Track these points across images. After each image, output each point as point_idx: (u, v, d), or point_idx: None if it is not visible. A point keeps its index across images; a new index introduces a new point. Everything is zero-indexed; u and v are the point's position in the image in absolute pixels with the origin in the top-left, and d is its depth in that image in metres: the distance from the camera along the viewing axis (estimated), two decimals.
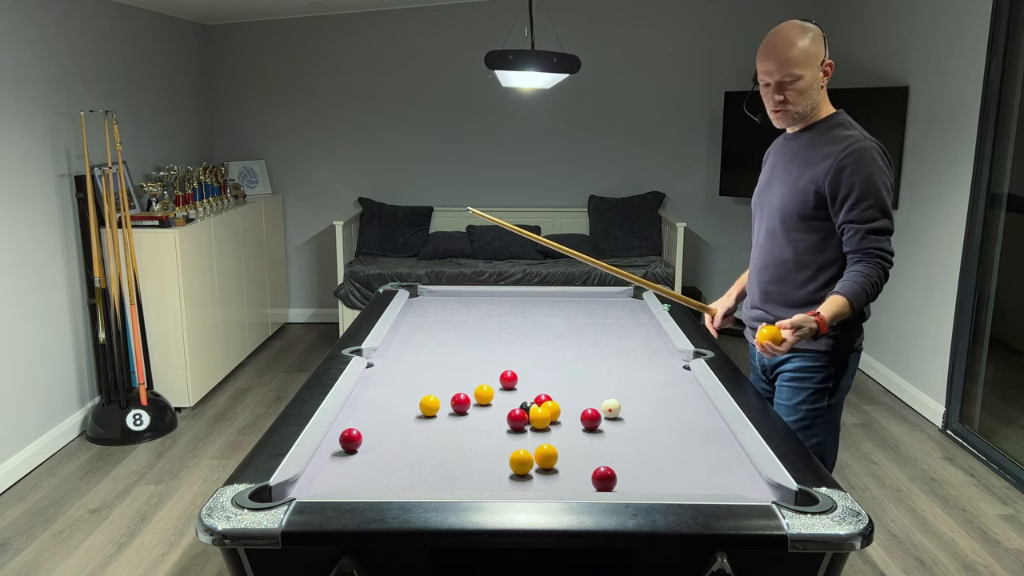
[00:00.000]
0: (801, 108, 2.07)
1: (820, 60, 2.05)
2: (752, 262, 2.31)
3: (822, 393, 2.15)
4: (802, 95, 2.05)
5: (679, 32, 5.64)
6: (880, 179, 2.00)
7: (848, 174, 2.00)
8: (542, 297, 3.48)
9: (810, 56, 2.03)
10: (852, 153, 2.01)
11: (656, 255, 5.61)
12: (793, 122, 2.13)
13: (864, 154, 2.00)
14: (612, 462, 1.77)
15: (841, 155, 2.01)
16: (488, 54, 3.13)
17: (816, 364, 2.13)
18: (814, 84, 2.06)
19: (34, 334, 3.63)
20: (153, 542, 2.99)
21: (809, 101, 2.07)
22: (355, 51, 5.68)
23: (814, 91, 2.07)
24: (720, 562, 1.43)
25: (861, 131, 2.08)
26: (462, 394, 2.16)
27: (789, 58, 2.02)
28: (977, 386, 3.95)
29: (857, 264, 2.01)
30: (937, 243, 4.16)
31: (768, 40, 2.06)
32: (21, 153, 3.55)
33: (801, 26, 2.05)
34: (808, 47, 2.02)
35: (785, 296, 2.17)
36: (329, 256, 5.89)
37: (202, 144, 5.63)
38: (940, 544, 3.01)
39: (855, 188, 1.99)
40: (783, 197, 2.13)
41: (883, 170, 2.02)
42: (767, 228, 2.21)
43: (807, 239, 2.11)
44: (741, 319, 2.40)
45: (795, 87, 2.04)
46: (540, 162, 5.85)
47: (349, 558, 1.46)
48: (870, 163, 2.00)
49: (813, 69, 2.04)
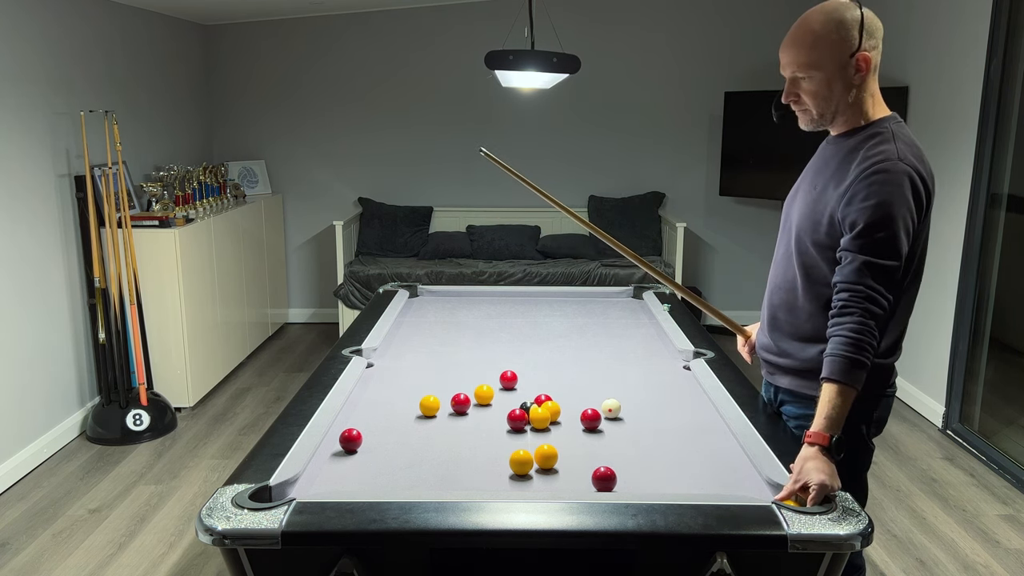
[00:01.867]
0: (818, 111, 1.74)
1: (847, 53, 1.67)
2: (768, 280, 1.98)
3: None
4: (815, 96, 1.72)
5: (679, 32, 5.63)
6: (900, 211, 1.62)
7: (862, 199, 1.63)
8: (542, 297, 3.48)
9: (827, 50, 1.68)
10: (875, 174, 1.64)
11: (656, 255, 5.61)
12: (814, 125, 1.79)
13: (890, 177, 1.63)
14: (612, 462, 1.77)
15: (862, 175, 1.65)
16: (488, 54, 3.13)
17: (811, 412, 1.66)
18: (835, 83, 1.70)
19: (34, 334, 3.63)
20: (153, 542, 2.99)
21: (828, 103, 1.73)
22: (355, 51, 5.68)
23: (836, 92, 1.71)
24: (720, 562, 1.43)
25: (903, 147, 1.68)
26: (462, 394, 2.16)
27: (801, 51, 1.70)
28: (977, 386, 3.95)
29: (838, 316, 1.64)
30: (937, 243, 4.16)
31: (794, 25, 1.74)
32: (21, 153, 3.55)
33: (830, 9, 1.69)
34: (827, 37, 1.67)
35: (793, 327, 1.85)
36: (329, 256, 5.89)
37: (202, 144, 5.63)
38: (940, 544, 3.01)
39: (865, 214, 1.62)
40: (802, 215, 1.80)
41: (907, 200, 1.62)
42: (785, 244, 1.88)
43: (819, 269, 1.76)
44: None
45: (807, 87, 1.72)
46: (540, 162, 5.85)
47: (349, 558, 1.46)
48: (894, 188, 1.62)
49: (832, 66, 1.68)
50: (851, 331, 1.61)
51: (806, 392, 1.82)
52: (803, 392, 1.84)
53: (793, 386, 1.88)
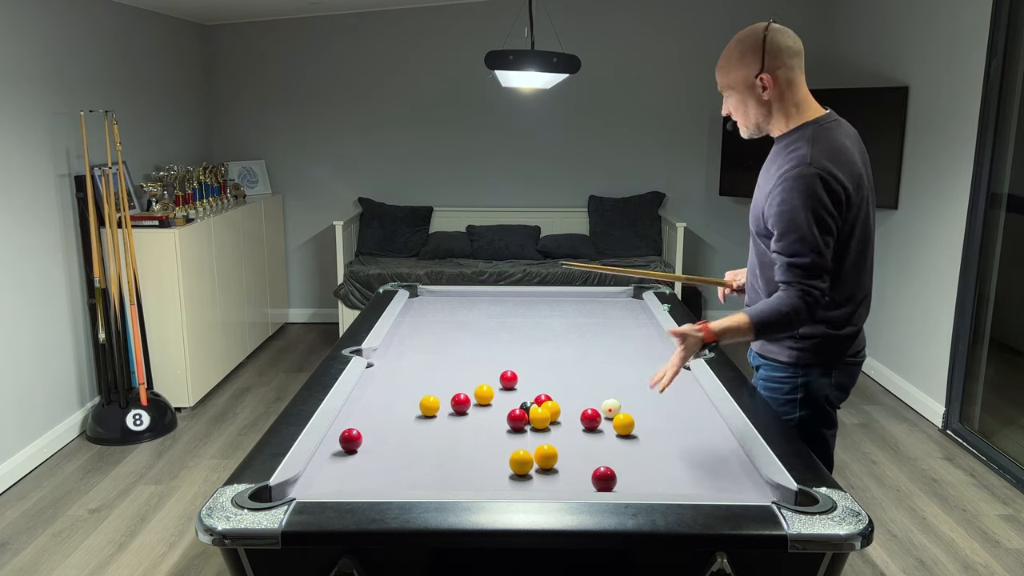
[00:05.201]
0: (744, 123, 1.97)
1: (752, 74, 1.88)
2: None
3: (791, 404, 2.04)
4: (736, 111, 1.96)
5: (679, 32, 5.63)
6: (806, 213, 1.80)
7: (777, 203, 1.84)
8: (542, 297, 3.48)
9: (736, 72, 1.90)
10: (786, 180, 1.83)
11: (656, 255, 5.61)
12: (749, 134, 2.00)
13: (797, 182, 1.81)
14: (612, 462, 1.77)
15: (778, 180, 1.86)
16: (488, 54, 3.13)
17: (781, 375, 2.04)
18: (750, 100, 1.91)
19: (34, 334, 3.63)
20: (153, 542, 2.99)
21: (747, 118, 1.95)
22: (355, 51, 5.68)
23: (752, 107, 1.92)
24: (720, 562, 1.43)
25: (816, 151, 1.85)
26: (462, 394, 2.16)
27: (720, 72, 1.94)
28: (977, 386, 3.95)
29: (780, 292, 1.88)
30: (937, 243, 4.16)
31: None
32: (21, 153, 3.55)
33: (740, 37, 1.92)
34: (734, 63, 1.90)
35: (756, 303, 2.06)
36: (329, 256, 5.89)
37: (202, 144, 5.63)
38: (940, 544, 3.01)
39: (780, 219, 1.84)
40: (753, 210, 2.03)
41: (817, 199, 1.81)
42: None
43: (766, 256, 1.97)
44: None
45: (729, 103, 1.96)
46: (540, 162, 5.85)
47: (349, 558, 1.46)
48: (802, 192, 1.81)
49: (742, 86, 1.90)
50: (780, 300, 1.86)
51: (772, 356, 2.07)
52: (769, 356, 2.08)
53: (761, 350, 2.11)
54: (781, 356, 2.03)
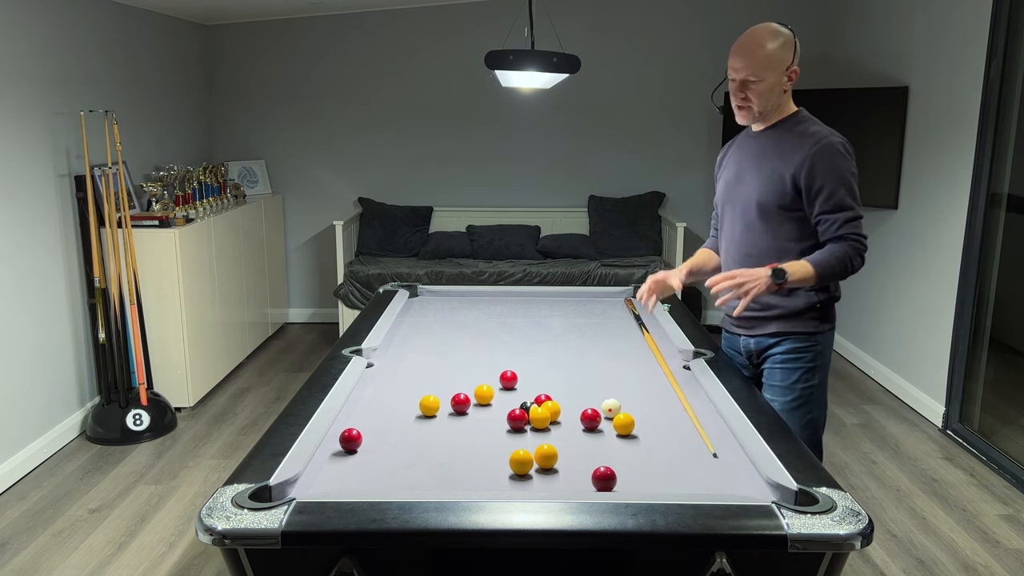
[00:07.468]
0: (760, 108, 2.19)
1: (786, 66, 2.15)
2: (728, 256, 2.39)
3: (812, 371, 2.27)
4: (762, 97, 2.16)
5: (679, 32, 5.64)
6: (847, 172, 2.14)
7: (820, 169, 2.12)
8: (542, 297, 3.48)
9: (776, 61, 2.13)
10: (822, 149, 2.13)
11: (656, 255, 5.61)
12: (752, 120, 2.24)
13: (832, 149, 2.13)
14: (612, 462, 1.77)
15: (812, 150, 2.13)
16: (488, 54, 3.13)
17: (806, 344, 2.26)
18: (776, 87, 2.17)
19: (34, 334, 3.63)
20: (153, 542, 2.99)
21: (769, 103, 2.19)
22: (355, 51, 5.68)
23: (776, 94, 2.18)
24: (720, 562, 1.43)
25: (825, 127, 2.20)
26: (462, 394, 2.16)
27: (755, 60, 2.13)
28: (977, 386, 3.95)
29: (833, 245, 2.13)
30: (937, 243, 4.16)
31: (741, 38, 2.17)
32: (21, 153, 3.56)
33: (775, 30, 2.15)
34: (775, 52, 2.13)
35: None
36: (329, 256, 5.89)
37: (202, 144, 5.63)
38: (940, 544, 3.01)
39: (828, 182, 2.12)
40: (760, 191, 2.22)
41: (850, 163, 2.15)
42: (744, 222, 2.30)
43: (787, 228, 2.21)
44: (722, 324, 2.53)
45: (757, 88, 2.15)
46: (540, 162, 5.85)
47: (349, 558, 1.46)
48: (838, 158, 2.13)
49: (777, 74, 2.15)
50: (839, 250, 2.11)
51: (796, 330, 2.25)
52: (793, 330, 2.26)
53: (783, 328, 2.27)
54: (808, 327, 2.25)
